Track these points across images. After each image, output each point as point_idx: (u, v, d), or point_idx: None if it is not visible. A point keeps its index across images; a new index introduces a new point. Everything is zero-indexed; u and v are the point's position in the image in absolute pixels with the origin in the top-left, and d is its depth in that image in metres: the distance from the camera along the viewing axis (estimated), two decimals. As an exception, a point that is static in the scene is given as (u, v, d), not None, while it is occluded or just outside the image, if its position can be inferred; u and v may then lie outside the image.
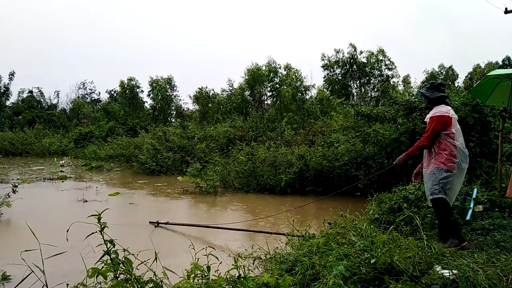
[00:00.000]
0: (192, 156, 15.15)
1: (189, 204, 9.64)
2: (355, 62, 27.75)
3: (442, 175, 3.92)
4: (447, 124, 4.00)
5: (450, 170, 3.92)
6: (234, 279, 2.90)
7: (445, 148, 3.96)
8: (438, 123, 3.99)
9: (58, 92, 38.93)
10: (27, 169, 16.27)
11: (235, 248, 5.05)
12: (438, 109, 4.10)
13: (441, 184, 3.91)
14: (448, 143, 3.97)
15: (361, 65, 27.82)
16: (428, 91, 4.28)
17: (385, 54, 27.90)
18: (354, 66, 27.84)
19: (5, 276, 4.23)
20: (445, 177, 3.91)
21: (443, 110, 4.08)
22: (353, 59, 27.77)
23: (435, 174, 3.97)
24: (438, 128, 3.99)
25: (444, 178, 3.91)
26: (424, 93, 4.31)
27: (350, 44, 27.95)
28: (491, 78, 5.30)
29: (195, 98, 29.32)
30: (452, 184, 3.95)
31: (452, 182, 3.95)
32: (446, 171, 3.92)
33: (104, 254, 2.67)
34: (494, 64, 31.72)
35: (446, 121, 4.00)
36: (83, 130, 27.01)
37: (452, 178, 3.94)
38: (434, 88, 4.26)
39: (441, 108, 4.12)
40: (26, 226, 3.00)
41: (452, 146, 3.96)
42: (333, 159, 10.23)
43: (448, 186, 3.92)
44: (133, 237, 6.03)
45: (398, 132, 9.12)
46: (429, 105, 4.28)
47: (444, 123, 3.99)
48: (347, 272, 2.94)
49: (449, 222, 3.92)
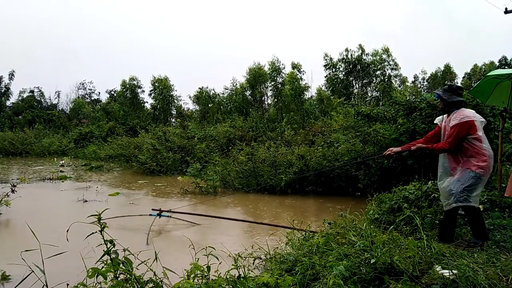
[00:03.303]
0: (192, 156, 15.15)
1: (189, 204, 9.63)
2: (360, 62, 27.74)
3: (470, 182, 3.85)
4: (472, 128, 3.91)
5: (482, 175, 3.88)
6: (234, 279, 2.89)
7: (477, 152, 3.89)
8: (463, 128, 3.90)
9: (58, 93, 38.98)
10: (27, 169, 16.26)
11: (235, 248, 5.05)
12: (464, 113, 3.99)
13: (467, 191, 3.85)
14: (477, 147, 3.90)
15: (365, 65, 27.80)
16: (445, 93, 4.16)
17: (389, 53, 27.87)
18: (359, 66, 27.83)
19: (5, 276, 4.23)
20: (473, 184, 3.85)
21: (469, 114, 3.98)
22: (359, 60, 27.75)
23: (461, 181, 3.90)
24: (463, 133, 3.90)
25: (471, 185, 3.85)
26: (441, 95, 4.18)
27: (359, 45, 27.87)
28: (491, 78, 5.31)
29: (196, 98, 29.33)
30: (478, 190, 3.93)
31: (479, 187, 3.93)
32: (477, 176, 3.86)
33: (104, 254, 2.67)
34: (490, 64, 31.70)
35: (471, 125, 3.91)
36: (83, 130, 27.02)
37: (480, 184, 3.92)
38: (452, 92, 4.14)
39: (465, 112, 4.02)
40: (26, 226, 3.00)
41: (482, 149, 3.90)
42: (333, 159, 10.24)
43: (474, 193, 3.88)
44: (133, 237, 6.03)
45: (398, 132, 9.13)
46: (446, 108, 4.17)
47: (469, 127, 3.91)
48: (347, 272, 2.94)
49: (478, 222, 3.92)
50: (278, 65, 26.81)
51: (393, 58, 27.90)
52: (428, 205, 5.02)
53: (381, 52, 27.69)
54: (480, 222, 3.90)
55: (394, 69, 27.97)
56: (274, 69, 26.79)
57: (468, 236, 4.20)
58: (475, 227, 3.92)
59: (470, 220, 4.00)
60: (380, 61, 27.67)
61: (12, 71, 35.59)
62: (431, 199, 5.12)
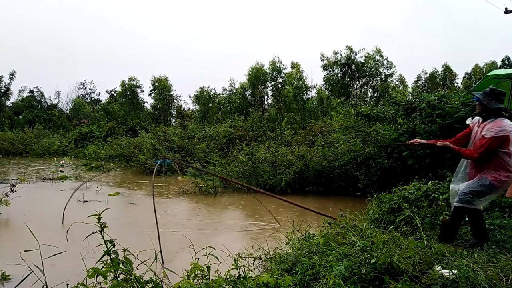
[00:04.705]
0: (192, 156, 15.14)
1: (189, 204, 9.63)
2: (353, 63, 27.83)
3: (480, 188, 3.79)
4: (506, 142, 3.75)
5: (498, 187, 3.80)
6: (234, 279, 2.89)
7: (502, 167, 3.77)
8: (496, 142, 3.73)
9: (58, 93, 38.97)
10: (27, 169, 16.26)
11: (235, 248, 5.05)
12: (501, 125, 3.77)
13: (472, 194, 3.81)
14: (505, 162, 3.77)
15: (359, 65, 27.89)
16: (485, 97, 3.91)
17: (382, 54, 28.00)
18: (353, 66, 27.91)
19: (5, 276, 4.23)
20: (483, 191, 3.79)
21: (506, 127, 3.76)
22: (351, 60, 27.85)
23: (470, 184, 3.85)
24: (494, 147, 3.76)
25: (480, 192, 3.79)
26: (481, 99, 3.94)
27: (346, 46, 28.04)
28: (491, 78, 5.33)
29: (196, 98, 29.34)
30: (486, 197, 3.87)
31: (489, 196, 3.89)
32: (491, 186, 3.78)
33: (104, 254, 2.67)
34: (491, 64, 31.68)
35: (505, 139, 3.74)
36: (83, 130, 27.02)
37: (492, 194, 3.87)
38: (493, 97, 3.90)
39: (504, 123, 3.79)
40: (26, 226, 3.00)
41: (508, 165, 3.77)
42: (333, 159, 10.23)
43: (481, 198, 3.84)
44: (133, 237, 6.03)
45: (398, 132, 9.13)
46: (483, 114, 3.96)
47: (503, 141, 3.75)
48: (347, 272, 2.93)
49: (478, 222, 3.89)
50: (278, 65, 26.84)
51: (386, 58, 28.08)
52: (428, 205, 5.01)
53: (374, 53, 27.83)
54: (480, 222, 3.89)
55: (388, 68, 28.10)
56: (274, 69, 26.82)
57: (468, 236, 4.20)
58: (475, 227, 3.91)
59: (471, 220, 3.99)
60: (375, 62, 27.81)
61: (13, 71, 35.60)
62: (431, 199, 5.11)
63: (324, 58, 28.42)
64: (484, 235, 3.87)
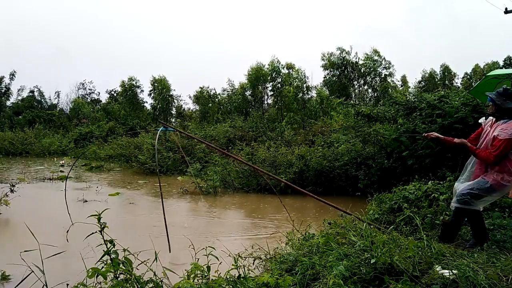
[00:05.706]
0: (192, 156, 15.14)
1: (189, 204, 9.63)
2: (349, 64, 27.80)
3: (478, 192, 3.75)
4: None
5: (499, 189, 3.75)
6: (234, 279, 2.89)
7: (506, 170, 3.71)
8: (510, 143, 3.66)
9: (58, 93, 39.00)
10: (27, 169, 16.26)
11: (235, 248, 5.05)
12: None
13: (470, 195, 3.77)
14: (510, 165, 3.70)
15: (356, 66, 27.87)
16: (499, 98, 3.84)
17: (379, 54, 27.97)
18: (349, 67, 27.89)
19: (5, 276, 4.23)
20: (482, 194, 3.75)
21: None
22: (346, 61, 27.80)
23: (471, 184, 3.83)
24: (508, 150, 3.68)
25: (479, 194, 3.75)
26: (494, 99, 3.86)
27: (338, 48, 27.97)
28: (491, 78, 5.32)
29: (196, 98, 29.35)
30: (486, 199, 3.83)
31: (490, 198, 3.84)
32: (491, 188, 3.73)
33: (104, 254, 2.67)
34: (492, 64, 31.65)
35: None
36: (83, 130, 27.02)
37: (492, 196, 3.83)
38: (507, 97, 3.82)
39: None
40: (26, 226, 3.00)
41: None
42: (333, 159, 10.23)
43: (480, 199, 3.80)
44: (133, 237, 6.02)
45: (398, 132, 9.12)
46: (496, 114, 3.87)
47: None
48: (347, 272, 2.93)
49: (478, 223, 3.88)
50: (277, 66, 26.85)
51: (384, 57, 28.06)
52: (428, 205, 5.01)
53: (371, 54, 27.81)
54: (479, 223, 3.89)
55: (386, 68, 28.09)
56: (274, 69, 26.84)
57: (468, 236, 4.20)
58: (475, 227, 3.91)
59: (470, 221, 3.98)
60: (373, 62, 27.78)
61: (13, 71, 35.62)
62: (431, 199, 5.11)
63: (325, 58, 28.46)
64: (484, 235, 3.86)
